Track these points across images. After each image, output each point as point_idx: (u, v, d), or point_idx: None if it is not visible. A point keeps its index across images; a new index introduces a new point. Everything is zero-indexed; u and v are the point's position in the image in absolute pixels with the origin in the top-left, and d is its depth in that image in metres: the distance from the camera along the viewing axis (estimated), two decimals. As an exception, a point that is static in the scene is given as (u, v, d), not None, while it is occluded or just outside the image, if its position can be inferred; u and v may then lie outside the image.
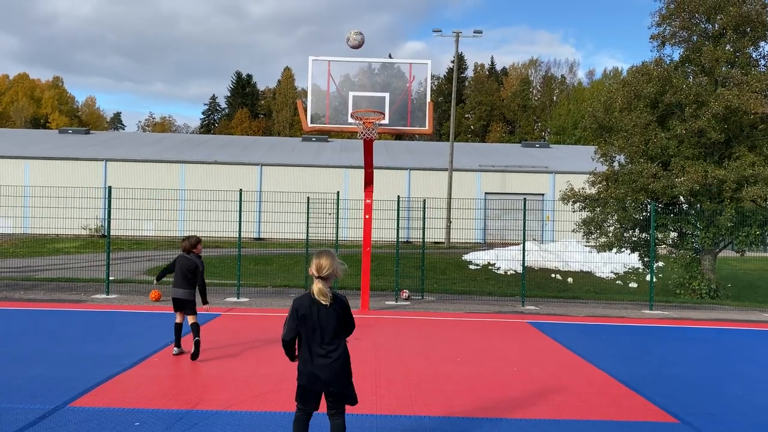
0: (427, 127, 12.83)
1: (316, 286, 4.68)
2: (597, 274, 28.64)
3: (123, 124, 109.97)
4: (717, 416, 6.86)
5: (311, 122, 12.66)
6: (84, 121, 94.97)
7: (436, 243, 37.25)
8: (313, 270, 4.70)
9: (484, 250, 32.52)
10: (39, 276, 19.47)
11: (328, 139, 51.70)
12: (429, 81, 12.93)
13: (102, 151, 44.78)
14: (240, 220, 15.97)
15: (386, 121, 12.36)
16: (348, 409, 6.60)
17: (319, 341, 4.71)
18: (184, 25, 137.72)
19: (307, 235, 17.30)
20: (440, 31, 40.57)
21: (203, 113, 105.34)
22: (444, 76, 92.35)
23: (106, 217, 15.54)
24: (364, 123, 11.86)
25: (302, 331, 4.75)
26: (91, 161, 42.76)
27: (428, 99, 12.93)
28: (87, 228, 39.07)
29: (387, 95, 12.49)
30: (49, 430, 5.76)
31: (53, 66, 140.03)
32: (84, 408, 6.41)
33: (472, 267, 28.32)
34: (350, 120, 12.29)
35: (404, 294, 16.35)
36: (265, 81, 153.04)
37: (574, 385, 7.97)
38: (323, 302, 4.66)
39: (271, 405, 6.74)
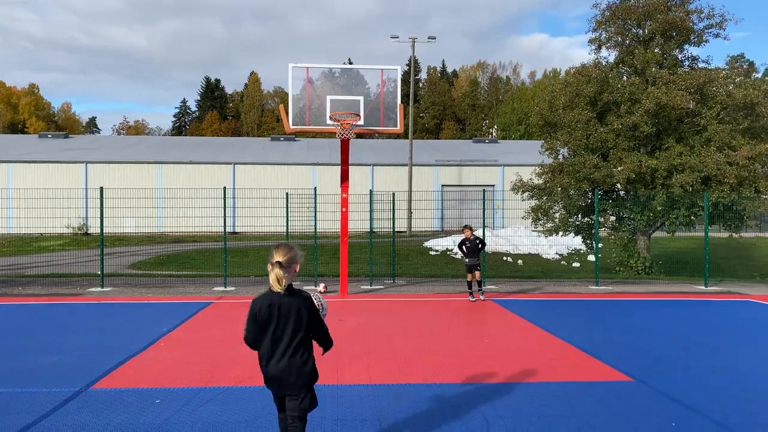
0: (398, 127, 13.06)
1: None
2: (544, 256, 29.35)
3: (98, 128, 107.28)
4: (664, 374, 7.28)
5: (293, 124, 12.74)
6: (60, 125, 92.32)
7: (398, 232, 37.57)
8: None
9: (443, 237, 33.01)
10: (31, 273, 19.06)
11: (296, 139, 51.49)
12: (399, 85, 13.14)
13: (82, 154, 43.77)
14: (225, 216, 15.98)
15: (361, 122, 12.55)
16: (345, 380, 6.84)
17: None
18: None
19: (287, 228, 17.35)
20: (398, 37, 40.77)
21: (175, 116, 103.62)
22: (400, 78, 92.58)
23: (100, 216, 15.30)
24: (341, 124, 12.00)
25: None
26: (72, 164, 41.76)
27: (398, 101, 13.15)
28: (70, 227, 38.24)
29: (362, 98, 12.66)
30: (81, 409, 5.83)
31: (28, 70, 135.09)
32: (106, 389, 6.48)
33: (432, 253, 28.72)
34: (329, 121, 12.43)
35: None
36: (233, 85, 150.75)
37: (540, 353, 8.33)
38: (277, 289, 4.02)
39: (275, 380, 6.87)
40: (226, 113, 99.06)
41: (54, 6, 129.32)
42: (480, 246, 13.22)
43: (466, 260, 13.23)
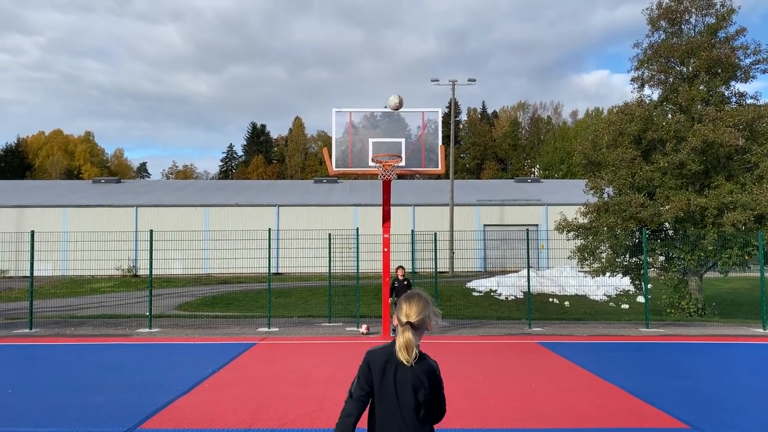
0: (439, 168, 13.11)
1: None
2: (591, 297, 28.62)
3: (148, 173, 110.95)
4: (724, 421, 6.92)
5: (336, 166, 12.94)
6: (113, 171, 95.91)
7: (440, 272, 37.26)
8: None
9: (486, 277, 32.59)
10: (82, 314, 19.57)
11: (338, 181, 52.15)
12: (440, 126, 13.26)
13: (132, 198, 45.24)
14: (269, 257, 16.17)
15: (403, 163, 12.66)
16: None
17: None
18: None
19: (330, 269, 17.43)
20: (438, 80, 41.27)
21: (222, 160, 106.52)
22: (441, 120, 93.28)
23: (149, 258, 15.69)
24: (383, 166, 12.13)
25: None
26: (123, 207, 43.16)
27: (440, 142, 13.24)
28: (120, 269, 39.27)
29: (403, 140, 12.81)
30: (126, 451, 5.88)
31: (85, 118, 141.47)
32: (153, 430, 6.52)
33: (475, 294, 28.34)
34: (371, 163, 12.58)
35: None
36: (278, 130, 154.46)
37: (590, 398, 8.05)
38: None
39: (318, 423, 6.82)
40: (271, 157, 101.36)
41: (126, 55, 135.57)
42: (408, 287, 12.96)
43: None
